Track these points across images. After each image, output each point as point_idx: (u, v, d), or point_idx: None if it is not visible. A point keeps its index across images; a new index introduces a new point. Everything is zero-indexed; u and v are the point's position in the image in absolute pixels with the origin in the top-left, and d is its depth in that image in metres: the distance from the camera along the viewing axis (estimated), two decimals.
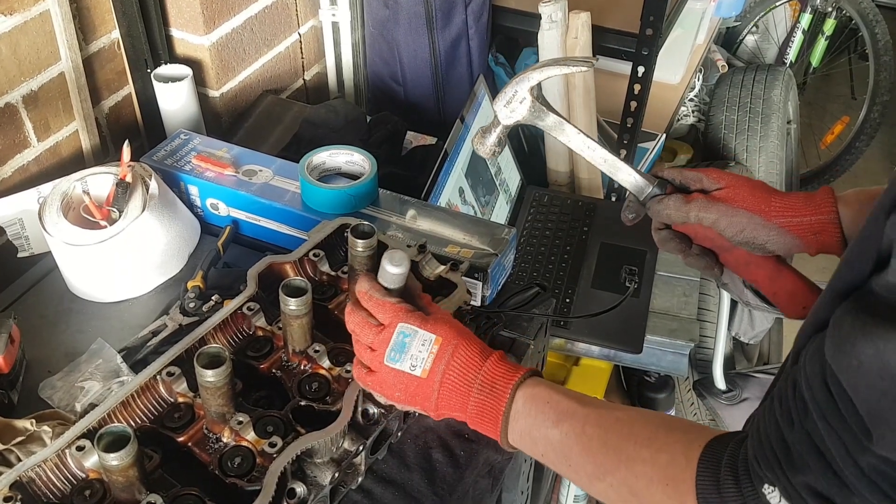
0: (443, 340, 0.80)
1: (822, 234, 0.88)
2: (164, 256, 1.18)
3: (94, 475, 0.82)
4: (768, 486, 0.61)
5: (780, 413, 0.62)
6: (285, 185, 1.22)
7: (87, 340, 1.09)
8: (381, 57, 1.81)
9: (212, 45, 1.51)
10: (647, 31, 1.64)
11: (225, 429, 0.85)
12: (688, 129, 2.70)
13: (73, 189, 1.17)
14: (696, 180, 0.95)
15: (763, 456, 0.62)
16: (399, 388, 0.81)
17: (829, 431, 0.57)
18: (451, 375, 0.79)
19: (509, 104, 0.97)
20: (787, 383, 0.62)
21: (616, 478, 0.72)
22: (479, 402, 0.78)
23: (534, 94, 0.96)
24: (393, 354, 0.80)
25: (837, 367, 0.56)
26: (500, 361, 0.80)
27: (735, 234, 0.91)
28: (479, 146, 1.02)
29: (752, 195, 0.91)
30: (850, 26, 3.33)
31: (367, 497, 0.93)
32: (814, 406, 0.58)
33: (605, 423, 0.75)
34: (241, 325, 0.97)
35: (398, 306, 0.82)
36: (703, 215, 0.92)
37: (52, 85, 1.32)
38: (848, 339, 0.55)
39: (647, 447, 0.71)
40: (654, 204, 0.96)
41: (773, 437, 0.62)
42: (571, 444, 0.75)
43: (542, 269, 1.66)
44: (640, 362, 1.72)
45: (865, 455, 0.55)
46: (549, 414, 0.76)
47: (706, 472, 0.66)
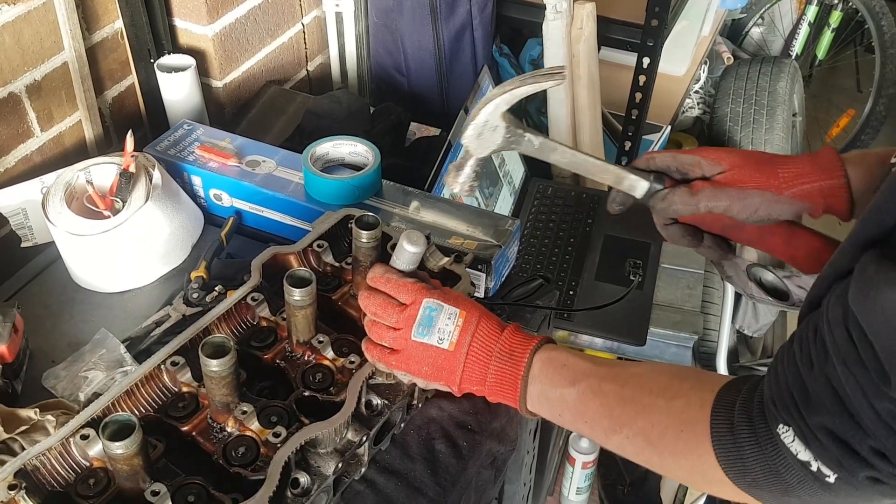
0: (467, 314, 0.83)
1: (832, 197, 0.86)
2: (168, 247, 1.18)
3: (99, 464, 0.82)
4: (783, 425, 0.62)
5: (799, 356, 0.63)
6: (289, 175, 1.22)
7: (90, 330, 1.09)
8: (384, 47, 1.80)
9: (215, 36, 1.50)
10: (653, 22, 1.63)
11: (229, 418, 0.85)
12: (693, 122, 2.69)
13: (77, 179, 1.17)
14: (694, 165, 0.90)
15: (780, 397, 0.63)
16: (427, 363, 0.83)
17: (847, 376, 0.58)
18: (476, 347, 0.82)
19: (480, 135, 0.88)
20: (809, 327, 0.63)
21: (632, 429, 0.74)
22: (498, 370, 0.82)
23: (507, 120, 0.88)
24: (421, 329, 0.83)
25: (860, 311, 0.56)
26: (516, 331, 0.84)
27: (750, 216, 0.88)
28: (453, 184, 0.92)
29: (759, 170, 0.87)
30: (856, 18, 3.31)
31: (370, 487, 0.93)
32: (834, 350, 0.59)
33: (621, 379, 0.77)
34: (244, 315, 0.97)
35: (419, 285, 0.85)
36: (713, 204, 0.88)
37: (55, 75, 1.32)
38: (871, 285, 0.55)
39: (662, 396, 0.73)
40: (657, 202, 0.91)
41: (792, 379, 0.62)
42: (588, 401, 0.77)
43: (545, 262, 1.66)
44: (644, 355, 1.71)
45: (882, 399, 0.56)
46: (565, 375, 0.79)
47: (720, 414, 0.68)
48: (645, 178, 0.91)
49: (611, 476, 2.07)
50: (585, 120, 1.79)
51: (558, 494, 1.99)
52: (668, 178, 0.92)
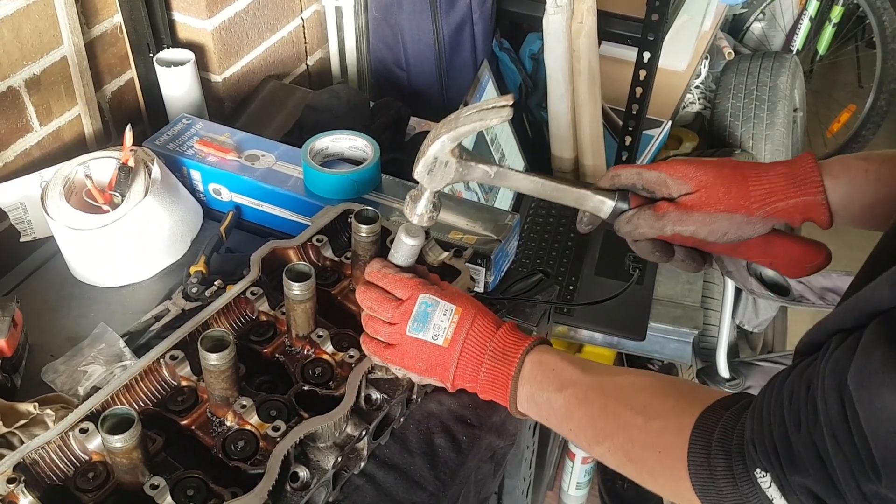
0: (463, 310, 0.83)
1: (809, 212, 0.81)
2: (167, 241, 1.18)
3: (98, 457, 0.82)
4: (761, 471, 0.61)
5: (787, 410, 0.60)
6: (288, 170, 1.22)
7: (89, 325, 1.09)
8: (384, 42, 1.80)
9: (214, 30, 1.50)
10: (653, 17, 1.62)
11: (228, 412, 0.85)
12: (693, 117, 2.68)
13: (76, 173, 1.17)
14: (660, 184, 0.84)
15: (762, 444, 0.61)
16: (421, 359, 0.83)
17: (836, 450, 0.55)
18: (470, 344, 0.82)
19: (431, 171, 0.85)
20: (801, 381, 0.60)
21: (613, 442, 0.75)
22: (490, 367, 0.81)
23: (456, 155, 0.85)
24: (416, 325, 0.83)
25: (858, 398, 0.53)
26: (511, 330, 0.83)
27: (718, 239, 0.84)
28: (411, 216, 0.89)
29: (727, 192, 0.81)
30: (857, 14, 3.30)
31: (369, 482, 0.93)
32: (825, 420, 0.56)
33: (606, 389, 0.77)
34: (244, 309, 0.97)
35: (415, 280, 0.85)
36: (679, 228, 0.83)
37: (54, 69, 1.32)
38: (875, 377, 0.52)
39: (642, 414, 0.72)
40: (622, 224, 0.87)
41: (777, 432, 0.60)
42: (573, 409, 0.77)
43: (545, 256, 1.66)
44: (644, 350, 1.71)
45: (869, 483, 0.54)
46: (553, 380, 0.79)
47: (698, 443, 0.67)
48: (609, 197, 0.87)
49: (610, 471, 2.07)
50: (586, 115, 1.79)
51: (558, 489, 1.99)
52: (633, 196, 0.87)
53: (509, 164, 1.76)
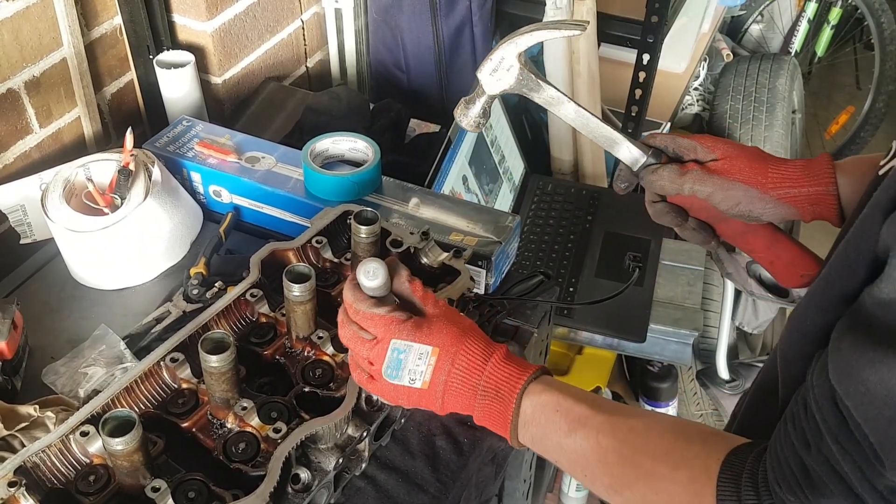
0: (440, 351, 0.76)
1: (819, 204, 0.85)
2: (167, 243, 1.17)
3: (99, 460, 0.82)
4: None
5: (795, 435, 0.60)
6: (288, 172, 1.22)
7: (89, 327, 1.09)
8: (384, 44, 1.80)
9: (214, 32, 1.50)
10: (653, 19, 1.63)
11: (229, 414, 0.85)
12: (692, 119, 2.69)
13: (76, 175, 1.17)
14: (690, 149, 0.91)
15: (783, 479, 0.60)
16: (402, 398, 0.79)
17: (843, 455, 0.56)
18: (455, 382, 0.76)
19: (495, 72, 0.90)
20: (799, 404, 0.61)
21: (634, 493, 0.70)
22: (484, 405, 0.76)
23: (521, 61, 0.89)
24: (390, 371, 0.77)
25: (844, 392, 0.54)
26: (502, 363, 0.76)
27: (730, 208, 0.88)
28: (461, 118, 0.94)
29: (749, 166, 0.87)
30: (855, 15, 3.30)
31: (370, 483, 0.92)
32: (826, 429, 0.57)
33: (620, 434, 0.71)
34: (244, 311, 0.97)
35: (387, 318, 0.77)
36: (697, 188, 0.88)
37: (54, 71, 1.32)
38: (850, 364, 0.53)
39: (665, 462, 0.68)
40: (647, 174, 0.92)
41: (792, 460, 0.60)
42: (587, 455, 0.72)
43: (545, 258, 1.66)
44: (644, 351, 1.71)
45: (881, 479, 0.54)
46: (559, 423, 0.73)
47: (727, 488, 0.64)
48: (644, 150, 0.92)
49: None
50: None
51: (558, 491, 1.99)
52: (664, 157, 0.93)
53: (510, 166, 1.76)
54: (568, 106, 0.91)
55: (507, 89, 0.90)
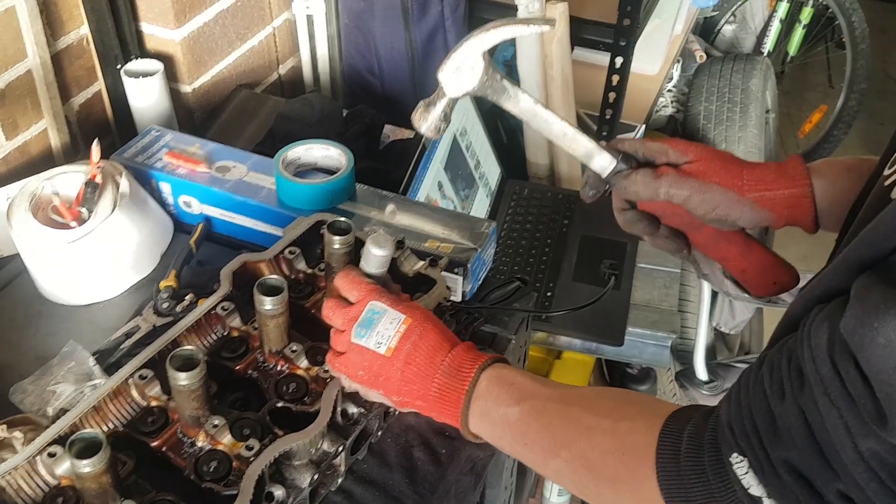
0: (412, 322, 0.79)
1: (795, 208, 0.84)
2: (136, 256, 1.15)
3: (67, 482, 0.80)
4: (738, 455, 0.59)
5: (769, 384, 0.59)
6: (260, 181, 1.20)
7: (58, 344, 1.06)
8: (356, 49, 1.79)
9: (183, 40, 1.48)
10: (625, 22, 1.63)
11: (200, 432, 0.83)
12: (666, 120, 2.70)
13: (42, 189, 1.15)
14: (661, 153, 0.88)
15: (740, 423, 0.59)
16: (363, 367, 0.80)
17: (829, 409, 0.53)
18: (417, 357, 0.78)
19: (458, 71, 0.84)
20: (782, 353, 0.59)
21: (571, 451, 0.71)
22: (442, 384, 0.78)
23: (486, 60, 0.84)
24: (360, 330, 0.79)
25: (856, 343, 0.52)
26: (469, 349, 0.80)
27: (707, 212, 0.85)
28: (420, 122, 0.88)
29: (725, 168, 0.85)
30: (826, 15, 3.33)
31: (347, 498, 0.91)
32: (815, 380, 0.55)
33: (567, 399, 0.74)
34: (215, 325, 0.95)
35: (372, 285, 0.82)
36: (673, 192, 0.85)
37: (19, 82, 1.29)
38: (875, 314, 0.50)
39: (608, 417, 0.70)
40: (619, 180, 0.88)
41: (757, 407, 0.59)
42: (530, 421, 0.74)
43: (522, 263, 1.65)
44: (622, 355, 1.71)
45: (868, 439, 0.52)
46: (511, 393, 0.76)
47: (667, 439, 0.64)
48: (613, 155, 0.89)
49: None
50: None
51: (540, 496, 1.98)
52: (634, 161, 0.90)
53: (486, 171, 1.76)
54: (535, 109, 0.87)
55: (470, 91, 0.85)
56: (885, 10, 4.16)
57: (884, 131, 3.68)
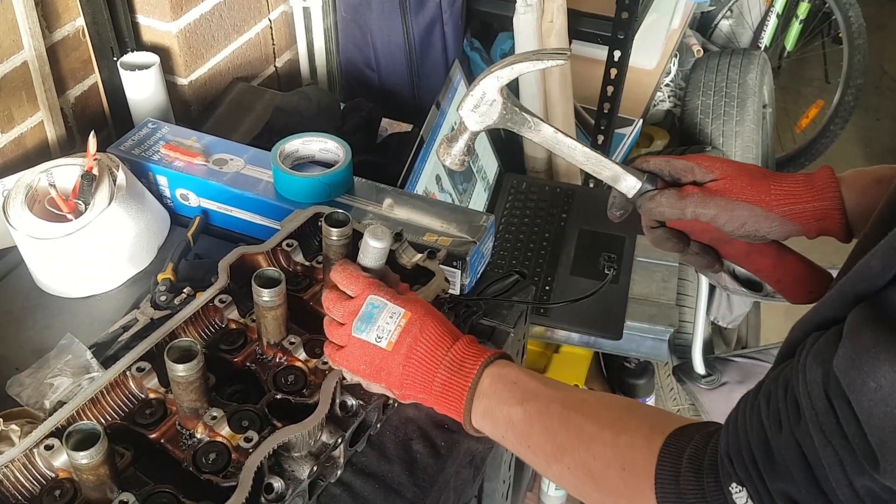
0: (412, 315, 0.80)
1: (825, 220, 0.83)
2: (134, 249, 1.15)
3: (64, 474, 0.79)
4: (737, 485, 0.59)
5: (766, 413, 0.59)
6: (258, 174, 1.20)
7: (55, 337, 1.06)
8: (354, 42, 1.78)
9: (179, 32, 1.47)
10: (623, 15, 1.63)
11: (198, 424, 0.83)
12: (664, 115, 2.70)
13: (39, 181, 1.14)
14: (687, 170, 0.88)
15: (738, 454, 0.59)
16: (364, 361, 0.80)
17: (824, 445, 0.54)
18: (419, 351, 0.78)
19: (477, 108, 0.87)
20: (779, 383, 0.59)
21: (574, 458, 0.71)
22: (445, 379, 0.78)
23: (504, 95, 0.87)
24: (360, 325, 0.80)
25: (849, 383, 0.51)
26: (470, 343, 0.80)
27: (736, 229, 0.85)
28: (444, 157, 0.91)
29: (751, 184, 0.84)
30: (823, 10, 3.33)
31: (346, 490, 0.91)
32: (810, 415, 0.54)
33: (570, 404, 0.74)
34: (213, 317, 0.95)
35: (370, 280, 0.82)
36: (700, 211, 0.85)
37: (14, 75, 1.28)
38: (867, 356, 0.50)
39: (609, 429, 0.70)
40: (645, 201, 0.88)
41: (755, 438, 0.59)
42: (533, 423, 0.74)
43: (521, 257, 1.65)
44: (620, 348, 1.71)
45: (862, 477, 0.52)
46: (514, 393, 0.76)
47: (667, 460, 0.64)
48: (638, 177, 0.89)
49: None
50: (558, 114, 1.78)
51: (538, 490, 1.98)
52: (660, 181, 0.89)
53: (484, 165, 1.75)
54: (557, 137, 0.89)
55: (491, 124, 0.88)
56: (881, 5, 4.16)
57: (880, 127, 3.69)
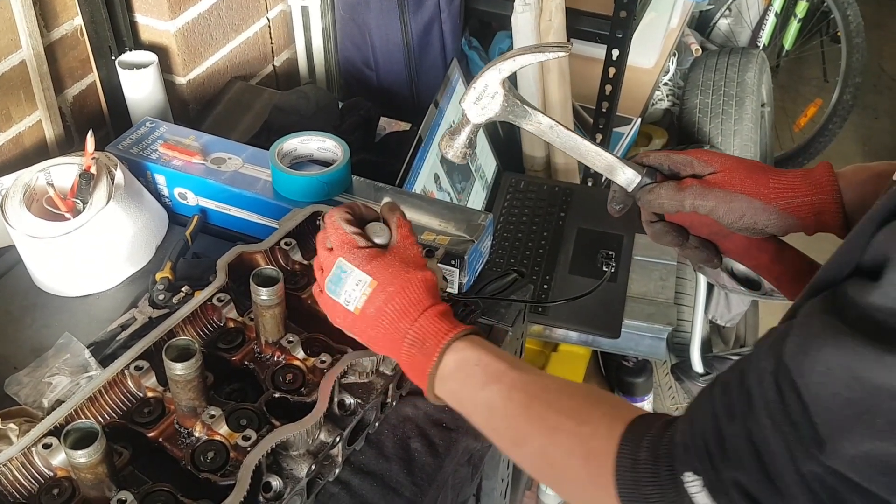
0: (378, 285, 0.78)
1: (824, 214, 0.83)
2: (132, 248, 1.15)
3: (63, 473, 0.79)
4: (691, 473, 0.59)
5: (721, 403, 0.59)
6: (256, 173, 1.20)
7: (53, 336, 1.06)
8: (352, 41, 1.78)
9: (177, 31, 1.47)
10: (621, 14, 1.63)
11: (197, 423, 0.83)
12: (662, 114, 2.70)
13: (37, 180, 1.14)
14: (686, 164, 0.88)
15: (693, 442, 0.60)
16: (339, 316, 0.81)
17: (774, 433, 0.54)
18: (383, 322, 0.78)
19: (479, 100, 0.87)
20: (734, 373, 0.59)
21: (535, 446, 0.71)
22: (409, 355, 0.78)
23: (506, 87, 0.87)
24: (331, 286, 0.80)
25: (796, 368, 0.53)
26: (435, 318, 0.77)
27: (734, 221, 0.85)
28: (447, 149, 0.92)
29: (750, 177, 0.85)
30: (821, 9, 3.33)
31: (344, 489, 0.91)
32: (761, 403, 0.55)
33: (532, 390, 0.73)
34: (211, 316, 0.95)
35: (347, 237, 0.80)
36: (699, 203, 0.85)
37: (12, 73, 1.28)
38: (814, 342, 0.52)
39: (571, 418, 0.70)
40: (644, 194, 0.89)
41: (709, 427, 0.59)
42: (496, 408, 0.74)
43: (519, 256, 1.65)
44: (619, 347, 1.72)
45: (809, 462, 0.53)
46: (477, 376, 0.75)
47: (626, 448, 0.64)
48: (637, 170, 0.89)
49: None
50: (557, 113, 1.79)
51: (536, 489, 1.98)
52: (659, 175, 0.90)
53: (482, 164, 1.75)
54: (557, 129, 0.89)
55: (493, 117, 0.88)
56: (879, 4, 4.16)
57: (878, 125, 3.69)
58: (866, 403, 0.50)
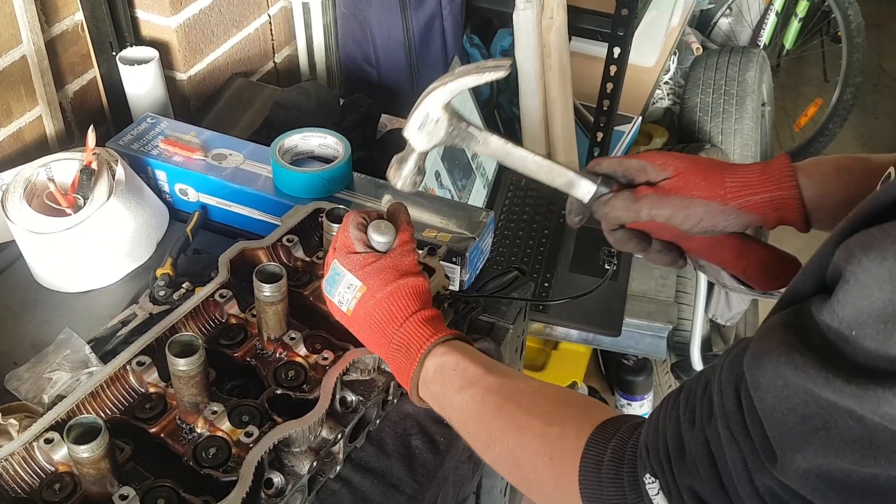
0: (367, 290, 0.79)
1: (783, 209, 0.82)
2: (132, 244, 1.15)
3: (64, 468, 0.79)
4: (650, 476, 0.60)
5: (684, 410, 0.60)
6: (257, 169, 1.20)
7: (53, 331, 1.06)
8: (353, 38, 1.78)
9: (179, 27, 1.47)
10: (623, 12, 1.62)
11: (199, 419, 0.83)
12: (663, 112, 2.70)
13: (37, 176, 1.14)
14: (640, 170, 0.86)
15: (654, 446, 0.60)
16: (334, 311, 0.83)
17: (730, 443, 0.55)
18: (371, 326, 0.80)
19: (423, 127, 0.85)
20: (699, 382, 0.60)
21: (504, 447, 0.72)
22: (395, 359, 0.79)
23: (449, 112, 0.85)
24: (327, 286, 0.82)
25: (754, 381, 0.53)
26: (419, 323, 0.78)
27: (693, 226, 0.84)
28: (395, 179, 0.88)
29: (705, 179, 0.83)
30: (822, 8, 3.33)
31: (345, 485, 0.91)
32: (720, 413, 0.56)
33: (506, 392, 0.74)
34: (213, 312, 0.95)
35: (346, 240, 0.81)
36: (655, 212, 0.84)
37: (13, 69, 1.28)
38: (770, 356, 0.51)
39: (541, 420, 0.70)
40: (600, 206, 0.87)
41: (671, 432, 0.59)
42: (470, 411, 0.75)
43: (520, 253, 1.65)
44: (619, 345, 1.72)
45: (763, 475, 0.53)
46: (454, 381, 0.76)
47: (592, 450, 0.65)
48: (592, 181, 0.87)
49: None
50: (557, 111, 1.78)
51: None
52: (615, 183, 0.88)
53: (483, 161, 1.75)
54: (506, 147, 0.86)
55: (438, 143, 0.86)
56: (880, 4, 4.17)
57: (879, 125, 3.69)
58: (822, 419, 0.49)
